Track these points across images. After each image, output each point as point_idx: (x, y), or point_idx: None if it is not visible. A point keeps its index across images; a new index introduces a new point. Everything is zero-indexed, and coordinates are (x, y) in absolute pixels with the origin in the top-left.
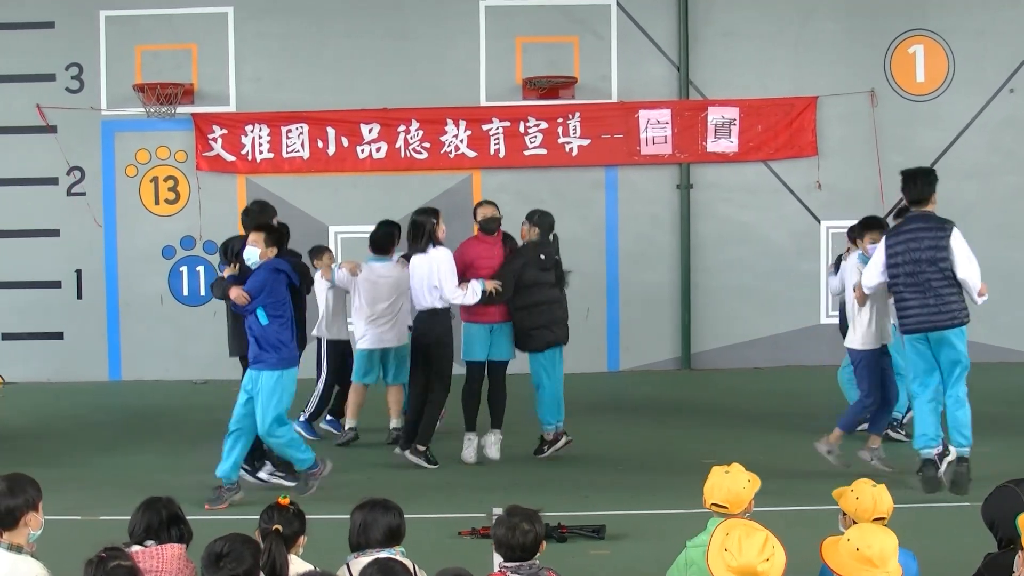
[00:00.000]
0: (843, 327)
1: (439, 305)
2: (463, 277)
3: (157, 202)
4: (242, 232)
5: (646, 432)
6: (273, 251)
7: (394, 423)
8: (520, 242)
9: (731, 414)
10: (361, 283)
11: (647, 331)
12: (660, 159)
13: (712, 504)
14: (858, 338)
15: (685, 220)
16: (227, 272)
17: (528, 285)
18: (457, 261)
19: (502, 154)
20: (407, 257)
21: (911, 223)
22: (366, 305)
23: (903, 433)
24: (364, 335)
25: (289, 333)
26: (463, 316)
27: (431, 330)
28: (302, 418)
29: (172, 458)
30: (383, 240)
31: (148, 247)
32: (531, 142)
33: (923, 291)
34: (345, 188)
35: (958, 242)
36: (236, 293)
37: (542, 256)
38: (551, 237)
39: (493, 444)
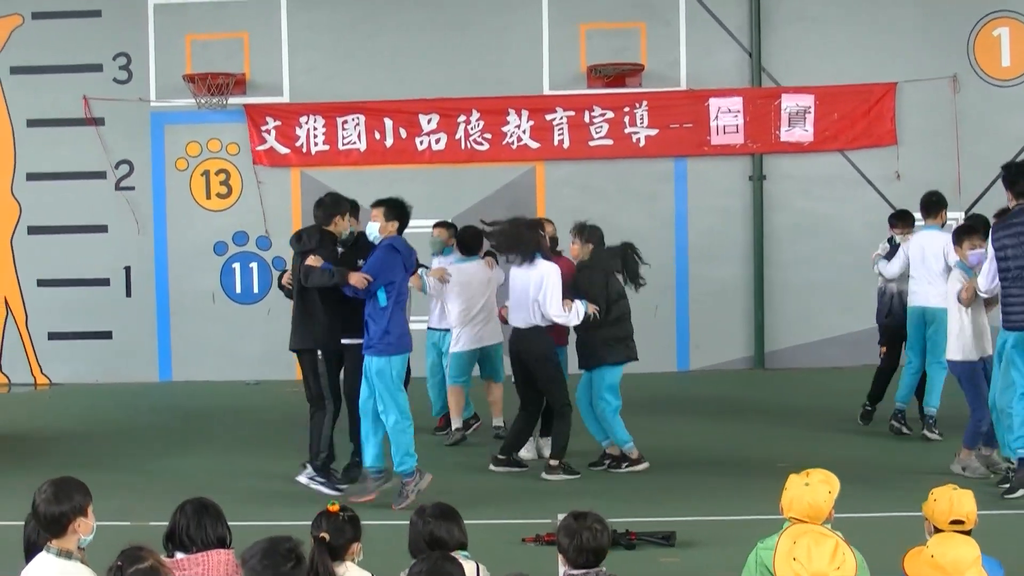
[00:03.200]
0: (890, 322)
1: (541, 323)
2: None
3: (208, 196)
4: (298, 224)
5: (718, 434)
6: (394, 226)
7: (497, 420)
8: (571, 259)
9: (807, 415)
10: (454, 287)
11: (718, 329)
12: (731, 149)
13: (791, 517)
14: (957, 349)
15: (758, 213)
16: (312, 262)
17: (616, 299)
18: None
19: (566, 145)
20: (492, 255)
21: (1020, 216)
22: (462, 307)
23: (937, 432)
24: (459, 338)
25: (404, 316)
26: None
27: (533, 348)
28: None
29: (225, 462)
30: (473, 241)
31: (199, 243)
32: (596, 132)
33: None
34: (403, 181)
35: None
36: (357, 278)
37: (614, 270)
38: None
39: (529, 445)
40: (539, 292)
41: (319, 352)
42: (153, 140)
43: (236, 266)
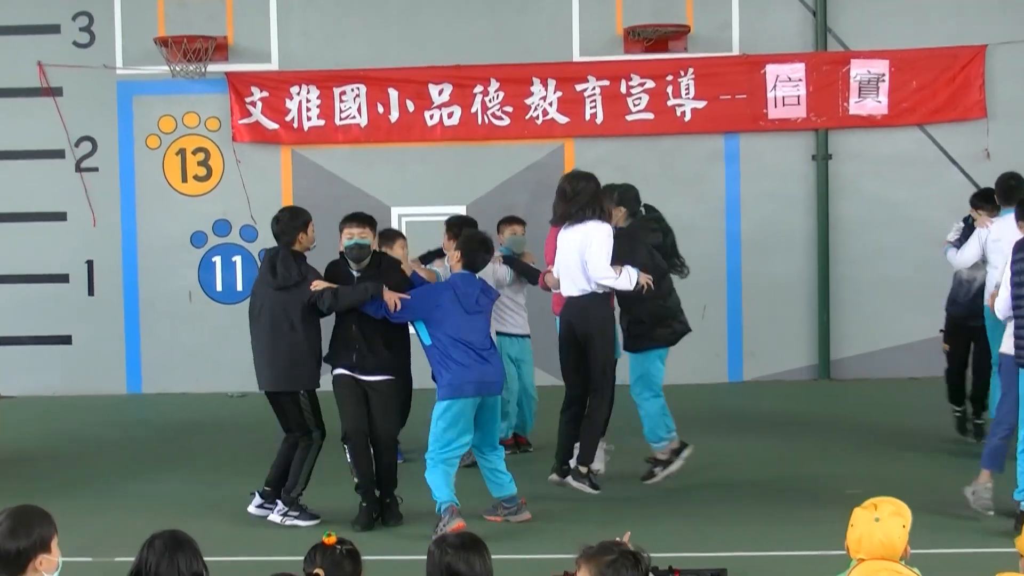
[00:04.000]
0: (955, 311)
1: (598, 289)
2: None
3: (185, 179)
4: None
5: (775, 455)
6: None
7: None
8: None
9: (879, 433)
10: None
11: (776, 333)
12: (792, 124)
13: (859, 558)
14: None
15: (822, 199)
16: (319, 286)
17: (662, 274)
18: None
19: (599, 120)
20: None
21: None
22: None
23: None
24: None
25: (465, 357)
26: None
27: (591, 317)
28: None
29: (204, 487)
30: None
31: (174, 233)
32: (635, 105)
33: None
34: (411, 162)
35: None
36: (391, 296)
37: (654, 235)
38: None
39: (601, 454)
40: (587, 251)
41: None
42: (120, 114)
43: (217, 260)
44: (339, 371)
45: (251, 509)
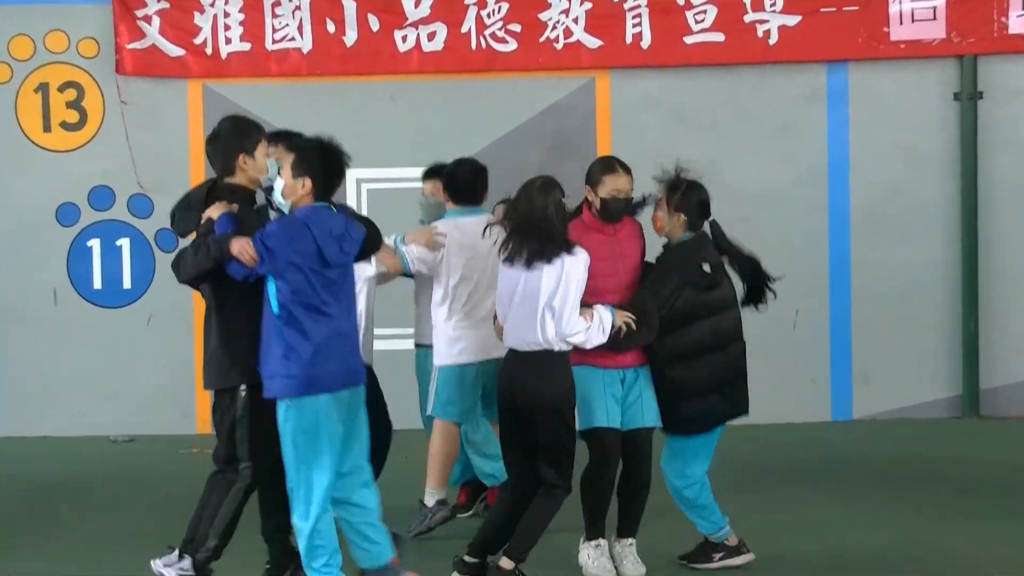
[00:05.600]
0: None
1: (557, 345)
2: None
3: (48, 128)
4: (199, 175)
5: (899, 522)
6: (306, 184)
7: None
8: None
9: None
10: (451, 254)
11: (901, 350)
12: (924, 49)
13: None
14: None
15: (968, 155)
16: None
17: (685, 316)
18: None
19: (646, 43)
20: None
21: None
22: (460, 287)
23: None
24: (458, 340)
25: (327, 330)
26: (573, 358)
27: (550, 385)
28: None
29: (77, 569)
30: (470, 183)
31: (33, 206)
32: (697, 21)
33: None
34: (375, 104)
35: None
36: (239, 245)
37: (705, 265)
38: (709, 227)
39: (631, 556)
40: (555, 296)
41: (242, 390)
42: None
43: (94, 244)
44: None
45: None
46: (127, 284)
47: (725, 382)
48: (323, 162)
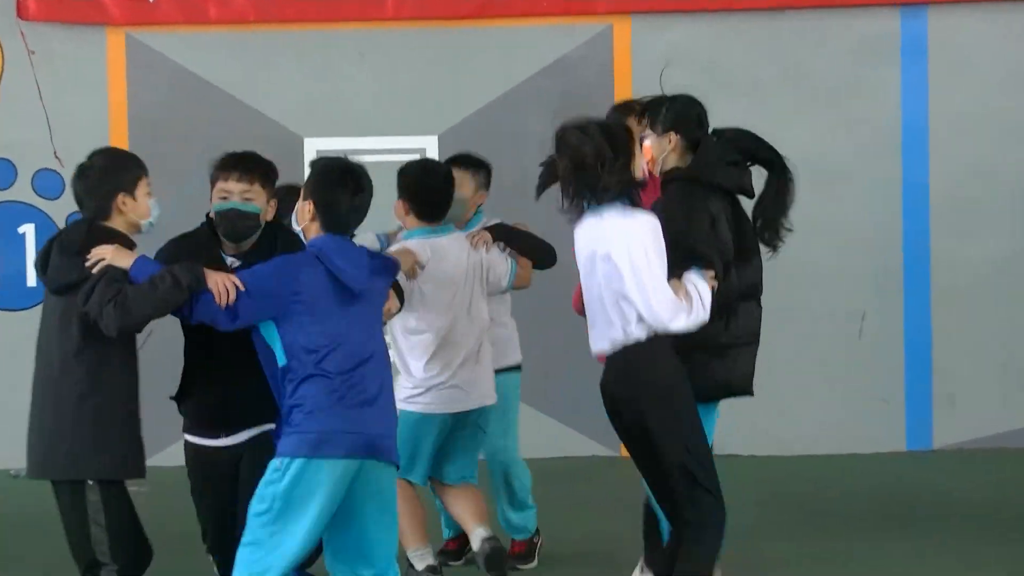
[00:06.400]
0: None
1: (644, 333)
2: None
3: None
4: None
5: None
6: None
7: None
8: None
9: None
10: (423, 285)
11: (992, 363)
12: None
13: None
14: None
15: None
16: (105, 256)
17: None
18: None
19: None
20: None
21: None
22: (432, 321)
23: None
24: (426, 388)
25: (343, 389)
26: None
27: (640, 382)
28: None
29: None
30: (444, 194)
31: None
32: None
33: None
34: (340, 59)
35: None
36: (220, 281)
37: (736, 187)
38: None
39: None
40: (628, 274)
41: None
42: None
43: None
44: (190, 437)
45: None
46: (30, 281)
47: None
48: (330, 182)
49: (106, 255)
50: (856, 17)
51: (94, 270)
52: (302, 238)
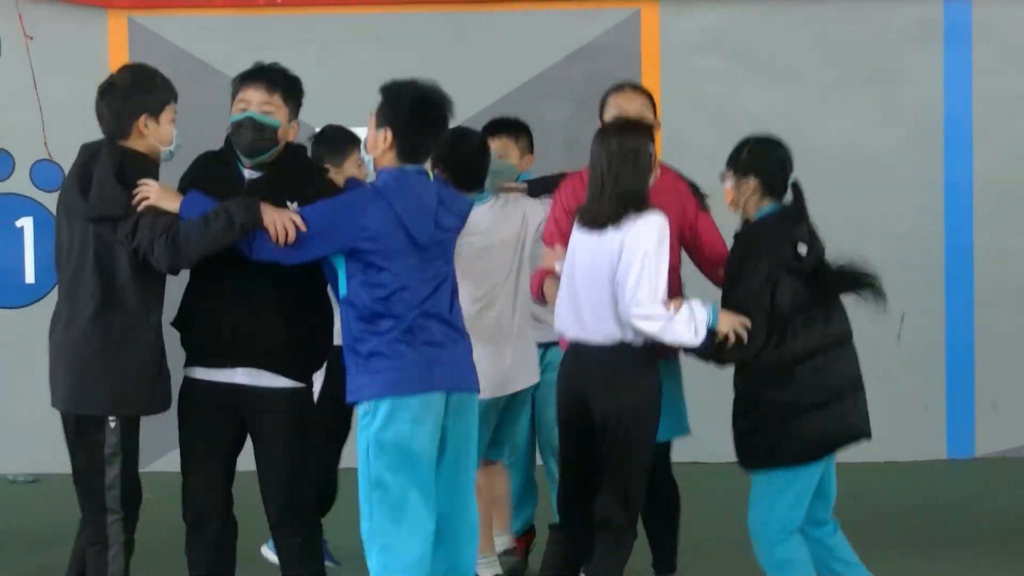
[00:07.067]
0: None
1: (629, 336)
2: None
3: None
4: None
5: None
6: (388, 139)
7: (500, 542)
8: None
9: None
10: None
11: None
12: None
13: None
14: None
15: None
16: (148, 195)
17: (787, 315)
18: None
19: None
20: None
21: None
22: (464, 299)
23: None
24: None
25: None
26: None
27: (620, 388)
28: None
29: None
30: (480, 163)
31: None
32: None
33: None
34: (349, 42)
35: None
36: (281, 219)
37: (800, 245)
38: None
39: None
40: (623, 271)
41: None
42: None
43: None
44: (193, 372)
45: None
46: (29, 277)
47: (843, 394)
48: (411, 109)
49: (151, 194)
50: (891, 2)
51: (139, 208)
52: (370, 167)
